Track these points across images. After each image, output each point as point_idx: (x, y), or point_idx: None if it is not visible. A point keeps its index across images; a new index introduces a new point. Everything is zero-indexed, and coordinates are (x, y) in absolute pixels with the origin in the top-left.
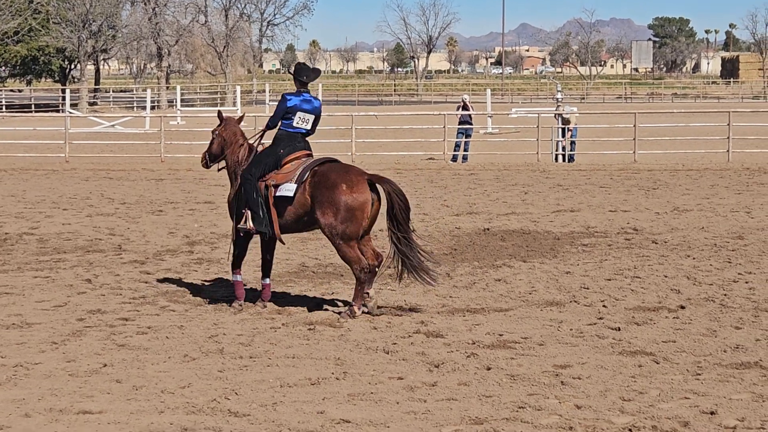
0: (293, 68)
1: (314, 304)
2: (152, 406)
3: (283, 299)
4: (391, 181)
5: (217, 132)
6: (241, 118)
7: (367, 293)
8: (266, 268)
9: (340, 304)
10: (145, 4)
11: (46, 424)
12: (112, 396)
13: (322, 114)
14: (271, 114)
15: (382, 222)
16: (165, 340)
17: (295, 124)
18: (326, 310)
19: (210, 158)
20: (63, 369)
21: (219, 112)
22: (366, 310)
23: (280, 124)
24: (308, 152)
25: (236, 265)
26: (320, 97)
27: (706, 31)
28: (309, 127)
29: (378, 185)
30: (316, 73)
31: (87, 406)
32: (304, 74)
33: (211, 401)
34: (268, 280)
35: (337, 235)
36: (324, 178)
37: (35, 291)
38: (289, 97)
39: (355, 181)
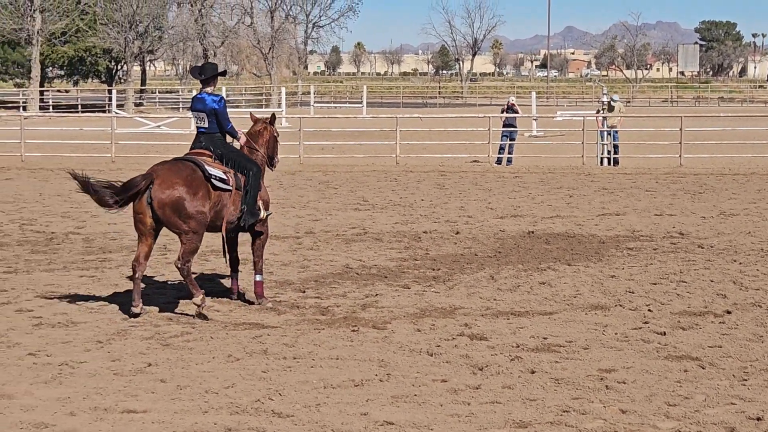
0: (191, 70)
1: (358, 306)
2: (196, 405)
3: (326, 301)
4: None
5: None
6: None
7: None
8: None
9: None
10: (191, 5)
11: (91, 422)
12: (156, 395)
13: (223, 108)
14: None
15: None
16: (209, 340)
17: (195, 125)
18: (367, 309)
19: None
20: (108, 368)
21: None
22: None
23: None
24: (199, 150)
25: None
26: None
27: (753, 35)
28: (205, 125)
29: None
30: (207, 69)
31: (131, 405)
32: (196, 74)
33: (254, 401)
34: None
35: None
36: None
37: (81, 290)
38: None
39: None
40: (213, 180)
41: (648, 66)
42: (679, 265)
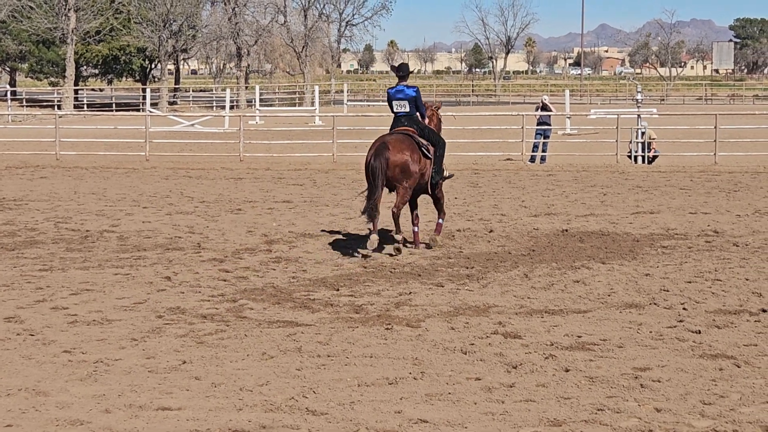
0: (392, 67)
1: (392, 304)
2: (231, 403)
3: (360, 299)
4: (380, 152)
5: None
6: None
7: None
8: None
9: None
10: (225, 4)
11: (126, 419)
12: (191, 393)
13: (419, 95)
14: None
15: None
16: (243, 338)
17: (395, 110)
18: (402, 307)
19: None
20: (142, 365)
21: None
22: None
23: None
24: (405, 128)
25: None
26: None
27: None
28: (407, 109)
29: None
30: (403, 68)
31: (166, 403)
32: (395, 71)
33: (289, 399)
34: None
35: None
36: None
37: (116, 288)
38: (388, 91)
39: (372, 145)
40: (423, 149)
41: (682, 64)
42: (714, 264)
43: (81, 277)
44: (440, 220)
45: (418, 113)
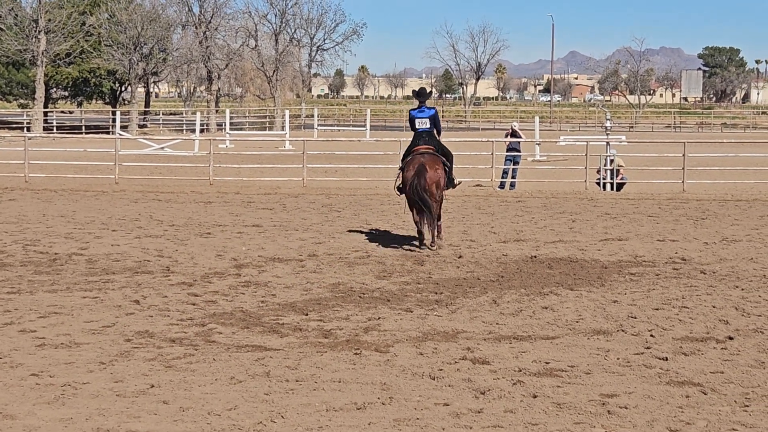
0: (413, 92)
1: (361, 329)
2: (199, 427)
3: (329, 323)
4: (421, 173)
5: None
6: None
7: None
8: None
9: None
10: (196, 27)
11: None
12: (158, 417)
13: (437, 115)
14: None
15: None
16: (212, 362)
17: (417, 127)
18: (373, 330)
19: None
20: (110, 389)
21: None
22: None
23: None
24: (425, 146)
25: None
26: (431, 112)
27: (757, 61)
28: (427, 126)
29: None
30: (422, 92)
31: (134, 427)
32: (416, 96)
33: (257, 424)
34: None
35: None
36: None
37: (84, 311)
38: (411, 112)
39: (410, 165)
40: (445, 167)
41: (651, 91)
42: (681, 291)
43: (49, 300)
44: (439, 222)
45: (435, 130)
